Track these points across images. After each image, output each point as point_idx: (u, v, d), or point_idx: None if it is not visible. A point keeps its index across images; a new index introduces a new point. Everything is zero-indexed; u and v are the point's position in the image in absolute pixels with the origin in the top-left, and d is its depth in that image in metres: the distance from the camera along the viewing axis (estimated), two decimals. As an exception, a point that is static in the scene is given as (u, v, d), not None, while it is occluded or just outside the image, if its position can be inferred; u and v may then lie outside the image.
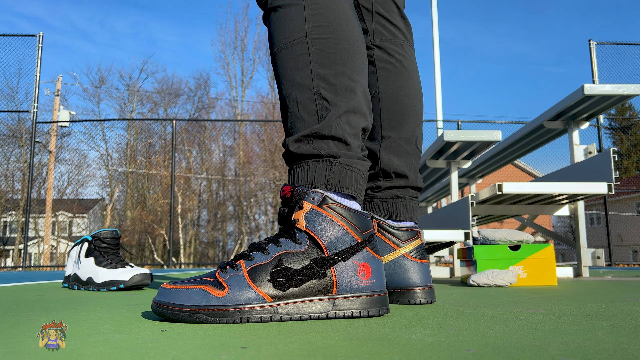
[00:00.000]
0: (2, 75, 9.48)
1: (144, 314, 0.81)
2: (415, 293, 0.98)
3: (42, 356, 0.46)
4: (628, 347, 0.48)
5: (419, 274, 1.00)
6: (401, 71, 1.13)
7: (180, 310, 0.70)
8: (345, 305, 0.73)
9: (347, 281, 0.73)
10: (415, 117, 1.12)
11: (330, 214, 0.75)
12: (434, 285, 1.50)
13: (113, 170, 18.41)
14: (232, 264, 0.74)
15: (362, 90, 0.84)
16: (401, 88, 1.12)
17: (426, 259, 1.03)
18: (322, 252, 0.73)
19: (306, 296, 0.72)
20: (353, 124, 0.81)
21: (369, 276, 0.75)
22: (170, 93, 20.88)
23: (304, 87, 0.81)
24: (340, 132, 0.79)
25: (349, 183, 0.79)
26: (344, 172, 0.79)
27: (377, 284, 0.75)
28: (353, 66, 0.84)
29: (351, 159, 0.80)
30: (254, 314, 0.70)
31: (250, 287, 0.72)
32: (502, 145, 3.00)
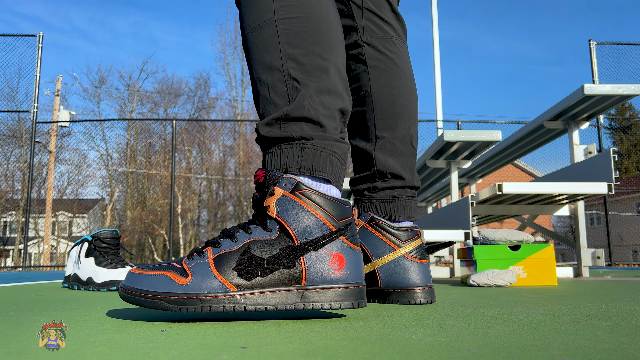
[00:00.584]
0: (2, 75, 9.49)
1: (144, 314, 0.81)
2: (415, 293, 0.98)
3: (42, 356, 0.46)
4: (628, 347, 0.48)
5: (419, 274, 1.00)
6: (393, 69, 1.11)
7: (142, 296, 0.69)
8: (315, 297, 0.69)
9: (317, 272, 0.70)
10: (410, 116, 1.10)
11: (302, 201, 0.71)
12: (434, 285, 1.50)
13: (113, 170, 18.41)
14: (200, 251, 0.72)
15: (336, 69, 0.80)
16: (394, 87, 1.10)
17: (426, 259, 1.03)
18: (293, 241, 0.70)
19: (273, 286, 0.69)
20: (327, 104, 0.77)
21: (342, 267, 0.71)
22: (170, 93, 20.88)
23: (274, 69, 0.77)
24: (313, 113, 0.75)
25: (323, 166, 0.75)
26: (318, 155, 0.75)
27: (351, 276, 0.72)
28: (324, 45, 0.79)
29: (326, 141, 0.76)
30: (216, 304, 0.68)
31: (214, 276, 0.69)
32: (502, 145, 3.00)
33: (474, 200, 2.31)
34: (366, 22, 1.11)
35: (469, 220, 2.25)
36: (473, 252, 1.76)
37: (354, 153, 1.14)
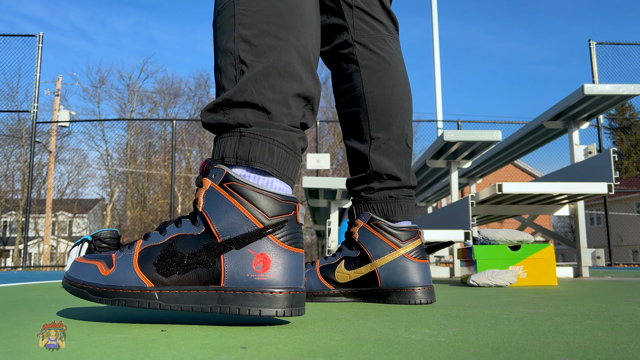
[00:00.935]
0: (2, 75, 9.49)
1: (144, 314, 0.81)
2: (415, 293, 0.98)
3: (42, 356, 0.46)
4: (628, 347, 0.48)
5: (419, 274, 1.00)
6: (385, 68, 1.09)
7: (72, 284, 0.69)
8: (233, 301, 0.63)
9: (237, 273, 0.63)
10: (404, 115, 1.09)
11: (228, 194, 0.65)
12: (434, 285, 1.50)
13: (113, 170, 18.41)
14: (132, 243, 0.70)
15: (295, 50, 0.72)
16: (387, 86, 1.09)
17: (426, 259, 1.03)
18: (215, 238, 0.65)
19: (191, 285, 0.64)
20: (278, 88, 0.70)
21: (266, 269, 0.63)
22: (170, 93, 20.88)
23: (227, 53, 0.72)
24: (258, 98, 0.69)
25: (260, 156, 0.68)
26: (256, 143, 0.68)
27: (278, 280, 0.64)
28: (282, 23, 0.72)
29: (266, 129, 0.69)
30: (131, 299, 0.65)
31: (133, 269, 0.66)
32: (502, 145, 3.00)
33: (474, 200, 2.31)
34: (356, 20, 1.10)
35: (469, 220, 2.25)
36: (473, 252, 1.76)
37: (349, 154, 1.13)
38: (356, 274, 1.02)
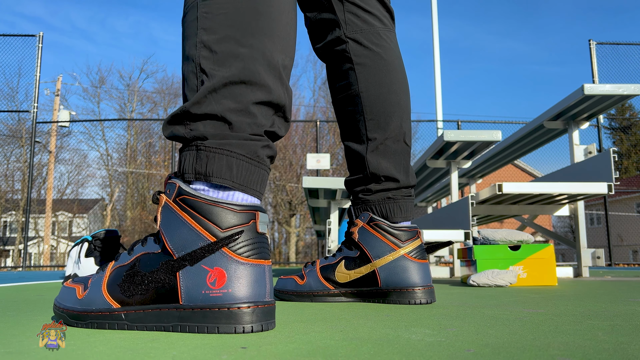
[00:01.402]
0: (2, 75, 9.49)
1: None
2: (415, 293, 0.98)
3: (42, 356, 0.46)
4: (628, 347, 0.48)
5: (419, 274, 1.00)
6: (381, 65, 1.05)
7: (57, 309, 0.70)
8: (192, 319, 0.60)
9: (193, 290, 0.61)
10: (401, 113, 1.06)
11: (179, 209, 0.63)
12: (433, 285, 1.50)
13: (113, 170, 18.41)
14: (106, 265, 0.69)
15: (261, 56, 0.68)
16: (383, 84, 1.05)
17: (426, 259, 1.03)
18: (171, 255, 0.63)
19: (154, 304, 0.63)
20: (240, 97, 0.66)
21: (221, 284, 0.60)
22: (170, 93, 20.88)
23: (189, 60, 0.69)
24: (217, 109, 0.65)
25: (218, 171, 0.65)
26: (212, 157, 0.65)
27: (235, 295, 0.60)
28: (246, 28, 0.68)
29: (224, 140, 0.65)
30: (101, 321, 0.64)
31: (101, 292, 0.65)
32: (502, 145, 3.00)
33: (474, 200, 2.31)
34: (348, 15, 1.05)
35: (469, 220, 2.25)
36: (473, 252, 1.76)
37: (347, 154, 1.11)
38: (356, 274, 1.02)
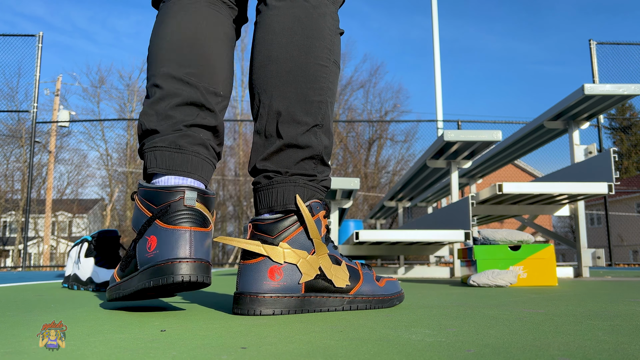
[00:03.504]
0: (2, 75, 9.47)
1: (144, 314, 0.81)
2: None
3: (42, 356, 0.46)
4: (628, 347, 0.48)
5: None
6: (268, 23, 0.89)
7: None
8: (143, 278, 0.79)
9: (141, 256, 0.81)
10: (279, 85, 0.87)
11: (136, 199, 0.85)
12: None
13: (113, 170, 18.40)
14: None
15: (167, 76, 0.89)
16: (261, 52, 0.89)
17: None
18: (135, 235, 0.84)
19: (131, 273, 0.83)
20: (160, 109, 0.87)
21: (153, 247, 0.79)
22: (170, 93, 20.87)
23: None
24: (146, 124, 0.87)
25: (149, 163, 0.86)
26: (147, 156, 0.87)
27: (160, 254, 0.78)
28: (153, 59, 0.91)
29: (151, 141, 0.87)
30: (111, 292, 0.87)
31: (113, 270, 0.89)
32: (502, 145, 3.00)
33: (474, 200, 2.31)
34: None
35: (469, 220, 2.25)
36: (473, 252, 1.76)
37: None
38: None
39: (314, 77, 0.88)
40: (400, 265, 3.34)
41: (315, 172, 0.88)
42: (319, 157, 0.88)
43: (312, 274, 0.83)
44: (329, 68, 0.90)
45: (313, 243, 0.85)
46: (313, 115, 0.87)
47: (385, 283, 0.92)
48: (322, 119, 0.88)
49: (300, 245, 0.84)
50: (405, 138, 17.49)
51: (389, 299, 0.91)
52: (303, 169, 0.87)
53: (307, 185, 0.87)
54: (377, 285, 0.90)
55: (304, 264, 0.83)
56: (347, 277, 0.87)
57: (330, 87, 0.90)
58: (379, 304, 0.89)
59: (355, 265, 0.91)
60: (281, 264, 0.81)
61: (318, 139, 0.88)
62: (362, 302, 0.88)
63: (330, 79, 0.90)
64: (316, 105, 0.88)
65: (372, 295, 0.89)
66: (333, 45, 0.91)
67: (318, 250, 0.85)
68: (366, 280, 0.89)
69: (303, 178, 0.87)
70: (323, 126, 0.89)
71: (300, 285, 0.82)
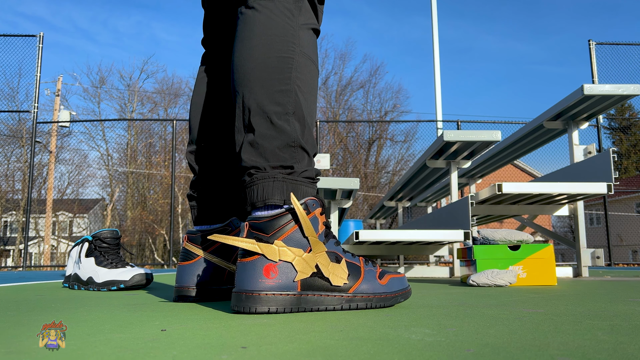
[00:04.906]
0: (3, 75, 9.46)
1: (144, 314, 0.81)
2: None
3: (42, 356, 0.46)
4: (627, 347, 0.48)
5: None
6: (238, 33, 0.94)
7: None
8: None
9: None
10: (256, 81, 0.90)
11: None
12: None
13: (113, 170, 18.39)
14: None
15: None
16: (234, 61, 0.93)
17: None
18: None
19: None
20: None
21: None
22: (170, 93, 20.88)
23: None
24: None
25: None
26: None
27: None
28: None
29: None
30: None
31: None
32: (502, 145, 3.00)
33: (473, 200, 2.31)
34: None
35: (468, 220, 2.25)
36: (473, 252, 1.76)
37: None
38: None
39: (278, 69, 0.90)
40: (400, 265, 3.34)
41: (294, 161, 0.89)
42: (296, 143, 0.89)
43: (308, 271, 0.83)
44: (294, 59, 0.92)
45: (309, 241, 0.84)
46: (282, 104, 0.89)
47: (389, 280, 0.90)
48: (294, 106, 0.90)
49: (295, 243, 0.84)
50: (405, 138, 17.48)
51: (392, 297, 0.89)
52: (282, 159, 0.88)
53: (286, 179, 0.88)
54: (378, 283, 0.88)
55: (300, 262, 0.83)
56: (345, 275, 0.86)
57: (299, 76, 0.92)
58: (381, 302, 0.88)
59: (358, 261, 0.89)
60: (276, 262, 0.82)
61: (291, 126, 0.89)
62: (362, 301, 0.86)
63: (299, 68, 0.92)
64: (284, 94, 0.89)
65: (373, 293, 0.87)
66: (297, 38, 0.93)
67: (314, 248, 0.85)
68: (367, 278, 0.88)
69: (282, 172, 0.88)
70: (295, 113, 0.90)
71: (296, 283, 0.82)
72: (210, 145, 1.16)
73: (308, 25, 0.96)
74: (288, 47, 0.91)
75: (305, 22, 0.95)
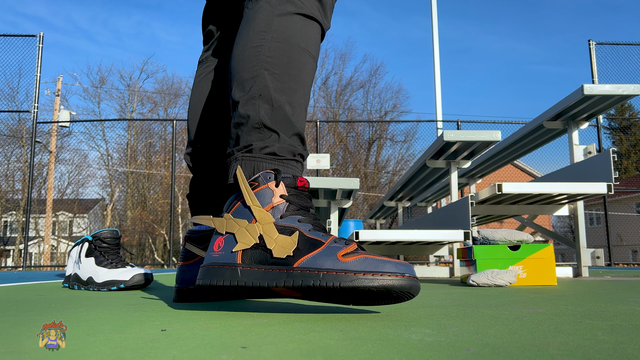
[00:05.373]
0: (3, 75, 9.47)
1: (144, 314, 0.81)
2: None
3: (42, 356, 0.46)
4: (627, 347, 0.48)
5: None
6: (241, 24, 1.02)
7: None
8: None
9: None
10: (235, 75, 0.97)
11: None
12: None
13: (113, 170, 18.39)
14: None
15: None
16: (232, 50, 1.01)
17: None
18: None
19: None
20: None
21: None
22: (170, 93, 20.87)
23: None
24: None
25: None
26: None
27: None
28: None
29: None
30: None
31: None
32: (502, 145, 3.00)
33: (473, 200, 2.31)
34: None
35: (468, 220, 2.25)
36: (473, 252, 1.77)
37: None
38: None
39: (247, 59, 0.95)
40: (400, 265, 3.33)
41: (255, 140, 0.91)
42: (260, 124, 0.91)
43: (249, 242, 0.78)
44: (263, 46, 0.96)
45: (251, 211, 0.81)
46: (247, 90, 0.93)
47: (357, 259, 0.73)
48: (260, 89, 0.93)
49: (240, 214, 0.82)
50: (405, 138, 17.48)
51: (350, 276, 0.71)
52: (246, 141, 0.91)
53: (244, 157, 0.90)
54: (337, 259, 0.73)
55: (241, 232, 0.80)
56: (291, 248, 0.76)
57: (269, 60, 0.95)
58: (332, 280, 0.71)
59: (324, 238, 0.77)
60: (223, 234, 0.81)
61: (256, 109, 0.92)
62: (307, 277, 0.73)
63: (268, 53, 0.96)
64: (250, 81, 0.94)
65: (324, 269, 0.73)
66: (269, 26, 0.97)
67: (259, 219, 0.80)
68: (323, 253, 0.75)
69: (242, 152, 0.91)
70: (262, 96, 0.93)
71: (236, 254, 0.78)
72: (207, 146, 1.18)
73: (291, 12, 0.99)
74: (259, 37, 0.96)
75: (286, 11, 0.98)
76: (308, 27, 0.99)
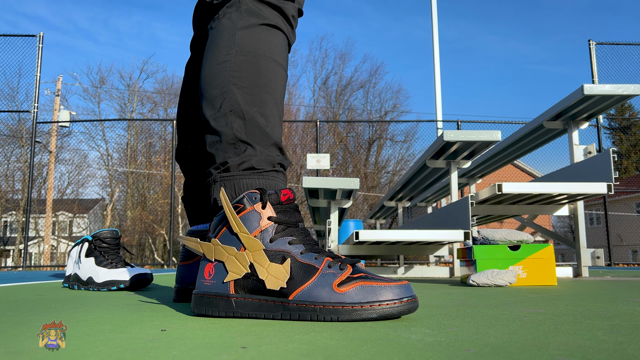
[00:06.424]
0: (3, 75, 9.47)
1: (144, 314, 0.81)
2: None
3: (42, 356, 0.46)
4: (627, 347, 0.48)
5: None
6: (207, 44, 1.02)
7: None
8: None
9: None
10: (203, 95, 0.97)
11: None
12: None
13: (113, 170, 18.40)
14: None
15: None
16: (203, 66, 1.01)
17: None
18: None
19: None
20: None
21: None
22: (170, 93, 20.87)
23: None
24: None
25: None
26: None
27: None
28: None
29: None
30: None
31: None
32: (502, 145, 3.00)
33: (473, 200, 2.31)
34: None
35: (468, 220, 2.25)
36: (473, 252, 1.77)
37: None
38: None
39: (214, 77, 0.95)
40: (400, 265, 3.34)
41: (229, 156, 0.90)
42: (235, 139, 0.91)
43: (239, 272, 0.75)
44: (229, 61, 0.95)
45: (239, 238, 0.77)
46: (216, 108, 0.93)
47: (353, 289, 0.71)
48: (230, 105, 0.93)
49: (228, 240, 0.77)
50: (405, 138, 17.48)
51: (347, 310, 0.69)
52: (224, 158, 0.90)
53: (223, 178, 0.89)
54: (333, 290, 0.71)
55: (231, 261, 0.76)
56: (285, 278, 0.73)
57: (236, 74, 0.94)
58: (330, 314, 0.69)
59: (318, 263, 0.74)
60: (212, 261, 0.78)
61: (229, 124, 0.91)
62: (303, 311, 0.71)
63: (234, 67, 0.95)
64: (219, 97, 0.93)
65: (320, 302, 0.70)
66: (232, 42, 0.96)
67: (248, 246, 0.76)
68: (318, 283, 0.72)
69: (219, 171, 0.90)
70: (232, 111, 0.92)
71: (228, 285, 0.75)
72: (197, 148, 1.18)
73: (253, 24, 0.98)
74: (223, 52, 0.96)
75: (248, 23, 0.97)
76: (273, 37, 0.98)
